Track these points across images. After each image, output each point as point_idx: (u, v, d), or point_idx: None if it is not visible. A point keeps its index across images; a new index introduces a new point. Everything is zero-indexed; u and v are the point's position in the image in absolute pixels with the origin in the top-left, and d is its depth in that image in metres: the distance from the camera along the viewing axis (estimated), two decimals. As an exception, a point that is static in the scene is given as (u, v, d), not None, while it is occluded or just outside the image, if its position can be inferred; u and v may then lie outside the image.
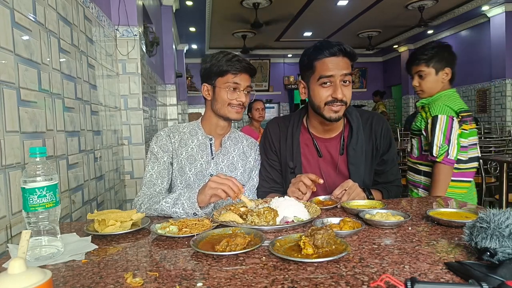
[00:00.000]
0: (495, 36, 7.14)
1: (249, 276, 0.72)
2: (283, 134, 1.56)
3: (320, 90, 1.38)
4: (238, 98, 1.42)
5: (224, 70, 1.40)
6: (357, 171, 1.47)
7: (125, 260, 0.84)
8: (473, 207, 1.24)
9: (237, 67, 1.40)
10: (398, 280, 0.59)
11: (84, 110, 1.99)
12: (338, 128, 1.52)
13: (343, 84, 1.37)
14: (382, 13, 7.39)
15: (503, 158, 2.91)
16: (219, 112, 1.45)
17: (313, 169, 1.51)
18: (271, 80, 11.30)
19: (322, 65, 1.37)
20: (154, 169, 1.45)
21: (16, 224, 1.22)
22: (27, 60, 1.36)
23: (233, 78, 1.41)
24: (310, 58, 1.41)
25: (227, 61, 1.40)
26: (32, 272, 0.55)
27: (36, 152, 0.86)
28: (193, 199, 1.19)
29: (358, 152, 1.47)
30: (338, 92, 1.35)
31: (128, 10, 2.80)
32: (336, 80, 1.35)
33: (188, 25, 7.60)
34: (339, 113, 1.39)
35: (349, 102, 1.40)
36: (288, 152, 1.52)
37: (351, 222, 1.00)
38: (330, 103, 1.37)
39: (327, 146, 1.52)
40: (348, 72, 1.36)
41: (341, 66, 1.35)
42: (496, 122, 7.12)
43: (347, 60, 1.38)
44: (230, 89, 1.41)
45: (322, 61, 1.37)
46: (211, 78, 1.45)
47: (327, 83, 1.37)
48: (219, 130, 1.51)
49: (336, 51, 1.35)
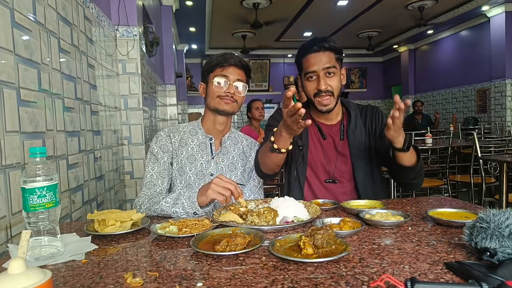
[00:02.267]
0: (495, 36, 7.13)
1: (249, 276, 0.72)
2: None
3: (308, 85, 1.52)
4: (226, 90, 1.46)
5: (213, 65, 1.48)
6: (358, 154, 1.56)
7: (125, 260, 0.84)
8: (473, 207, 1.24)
9: (225, 60, 1.46)
10: (398, 280, 0.59)
11: (84, 110, 1.99)
12: (337, 116, 1.63)
13: (327, 76, 1.47)
14: (382, 13, 7.38)
15: (503, 158, 2.91)
16: (210, 105, 1.49)
17: (317, 150, 1.61)
18: (271, 80, 11.29)
19: (306, 62, 1.50)
20: (154, 170, 1.45)
21: (16, 224, 1.22)
22: (27, 60, 1.36)
23: (221, 71, 1.46)
24: (298, 57, 1.55)
25: (217, 57, 1.48)
26: (32, 272, 0.55)
27: (36, 152, 0.86)
28: (193, 198, 1.20)
29: (358, 136, 1.57)
30: (321, 83, 1.46)
31: (128, 10, 2.79)
32: (320, 73, 1.46)
33: (188, 25, 7.60)
34: (329, 106, 1.50)
35: (336, 91, 1.50)
36: None
37: (351, 222, 1.00)
38: (317, 95, 1.49)
39: (329, 131, 1.62)
40: (330, 65, 1.46)
41: (323, 61, 1.46)
42: (496, 122, 7.12)
43: (330, 53, 1.48)
44: (218, 81, 1.46)
45: (306, 59, 1.50)
46: (205, 76, 1.53)
47: (313, 77, 1.49)
48: (217, 127, 1.52)
49: (316, 48, 1.47)
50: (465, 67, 8.27)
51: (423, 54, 9.99)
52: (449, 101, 8.88)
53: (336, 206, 1.30)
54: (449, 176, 4.02)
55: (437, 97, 9.28)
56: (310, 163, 1.61)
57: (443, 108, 9.14)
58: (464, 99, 8.34)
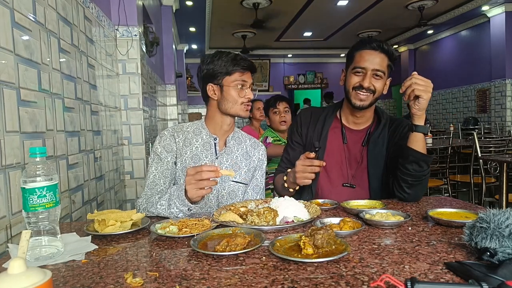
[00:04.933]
0: (495, 36, 7.14)
1: (249, 276, 0.72)
2: (313, 120, 1.66)
3: (352, 77, 1.49)
4: (246, 95, 1.45)
5: (231, 69, 1.44)
6: (375, 162, 1.53)
7: (125, 260, 0.84)
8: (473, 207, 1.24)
9: (244, 65, 1.44)
10: (398, 280, 0.59)
11: (84, 110, 1.99)
12: (367, 121, 1.61)
13: (374, 77, 1.46)
14: (382, 13, 7.38)
15: (503, 158, 2.91)
16: (229, 111, 1.46)
17: (335, 154, 1.59)
18: (271, 80, 11.29)
19: (359, 56, 1.48)
20: (158, 169, 1.45)
21: (16, 224, 1.22)
22: (27, 60, 1.36)
23: (240, 76, 1.44)
24: (352, 50, 1.53)
25: (233, 60, 1.43)
26: (32, 272, 0.55)
27: (36, 152, 0.86)
28: (182, 197, 1.19)
29: (379, 145, 1.54)
30: (366, 80, 1.45)
31: (128, 10, 2.80)
32: (368, 71, 1.45)
33: (188, 25, 7.60)
34: (364, 102, 1.47)
35: (378, 93, 1.48)
36: (316, 134, 1.62)
37: (351, 222, 1.00)
38: (357, 89, 1.47)
39: (354, 136, 1.60)
40: (380, 68, 1.46)
41: (376, 61, 1.45)
42: (496, 122, 7.12)
43: (384, 57, 1.47)
44: (239, 87, 1.44)
45: (360, 53, 1.48)
46: (217, 78, 1.45)
47: (360, 72, 1.47)
48: (224, 128, 1.51)
49: (375, 45, 1.46)
50: (465, 67, 8.26)
51: (423, 54, 9.99)
52: (449, 101, 8.88)
53: (336, 206, 1.30)
54: (449, 176, 4.02)
55: (437, 97, 9.28)
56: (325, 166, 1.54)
57: (443, 108, 9.14)
58: (464, 99, 8.34)
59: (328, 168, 1.58)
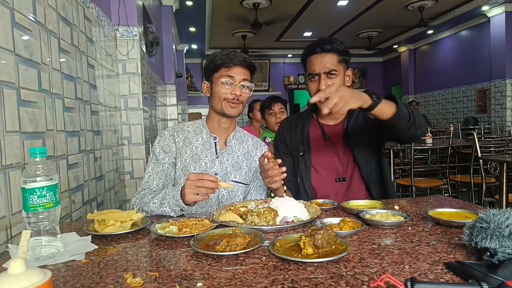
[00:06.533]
0: (495, 36, 7.13)
1: (249, 276, 0.72)
2: (293, 126, 1.72)
3: (310, 85, 1.55)
4: (232, 92, 1.40)
5: (218, 64, 1.41)
6: (360, 150, 1.56)
7: (125, 260, 0.84)
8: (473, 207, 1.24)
9: (230, 60, 1.40)
10: (398, 280, 0.59)
11: (84, 110, 1.99)
12: (342, 115, 1.64)
13: (328, 77, 1.49)
14: (382, 13, 7.38)
15: (503, 158, 2.90)
16: (216, 107, 1.46)
17: (322, 151, 1.63)
18: (271, 80, 11.29)
19: (309, 63, 1.55)
20: (154, 170, 1.46)
21: (16, 224, 1.22)
22: (27, 60, 1.36)
23: (226, 72, 1.40)
24: (302, 58, 1.60)
25: (222, 55, 1.41)
26: (32, 272, 0.55)
27: (36, 152, 0.86)
28: (177, 197, 1.21)
29: (358, 133, 1.58)
30: (322, 84, 1.48)
31: (128, 10, 2.79)
32: (321, 75, 1.49)
33: (188, 25, 7.59)
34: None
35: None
36: (299, 140, 1.67)
37: (351, 222, 1.00)
38: None
39: (333, 131, 1.64)
40: (331, 67, 1.49)
41: (324, 63, 1.49)
42: (496, 122, 7.12)
43: (332, 55, 1.50)
44: (224, 83, 1.40)
45: (309, 59, 1.54)
46: (209, 75, 1.47)
47: (315, 78, 1.52)
48: (222, 127, 1.51)
49: (318, 49, 1.50)
50: (465, 67, 8.26)
51: (423, 54, 9.99)
52: (449, 101, 8.88)
53: (336, 206, 1.30)
54: (449, 176, 4.02)
55: (437, 97, 9.28)
56: (315, 166, 1.61)
57: (443, 108, 9.14)
58: (464, 99, 8.33)
59: (318, 167, 1.61)
